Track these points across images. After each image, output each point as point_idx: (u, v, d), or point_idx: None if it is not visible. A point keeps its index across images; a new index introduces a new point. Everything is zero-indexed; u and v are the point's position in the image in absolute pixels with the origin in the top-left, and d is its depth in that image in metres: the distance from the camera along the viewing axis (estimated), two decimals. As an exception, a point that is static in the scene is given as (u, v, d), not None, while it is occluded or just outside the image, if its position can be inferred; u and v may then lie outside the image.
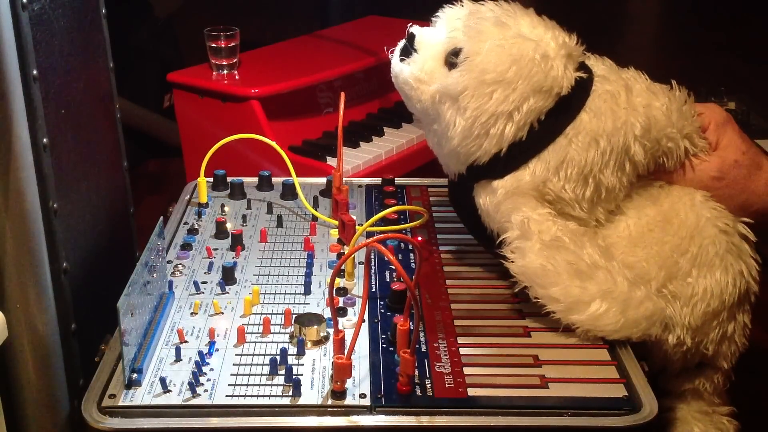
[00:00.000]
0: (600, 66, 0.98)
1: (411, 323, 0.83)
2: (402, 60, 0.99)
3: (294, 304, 0.97)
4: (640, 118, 0.94)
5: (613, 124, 0.93)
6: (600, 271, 0.89)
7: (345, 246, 1.09)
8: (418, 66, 0.97)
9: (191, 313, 0.95)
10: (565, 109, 0.93)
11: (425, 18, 1.03)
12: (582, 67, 0.95)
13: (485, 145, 0.93)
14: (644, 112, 0.94)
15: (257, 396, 0.82)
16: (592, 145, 0.92)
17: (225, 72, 1.71)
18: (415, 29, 0.99)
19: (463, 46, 0.94)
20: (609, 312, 0.88)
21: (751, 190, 0.97)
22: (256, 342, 0.90)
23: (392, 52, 1.02)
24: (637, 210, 0.97)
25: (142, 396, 0.82)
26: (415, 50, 0.98)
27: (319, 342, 0.90)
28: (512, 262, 0.92)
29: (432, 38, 0.98)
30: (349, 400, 0.82)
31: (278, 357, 0.86)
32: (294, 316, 0.92)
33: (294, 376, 0.83)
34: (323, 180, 1.27)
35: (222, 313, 0.95)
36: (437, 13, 1.01)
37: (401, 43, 1.00)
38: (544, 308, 0.91)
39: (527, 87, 0.91)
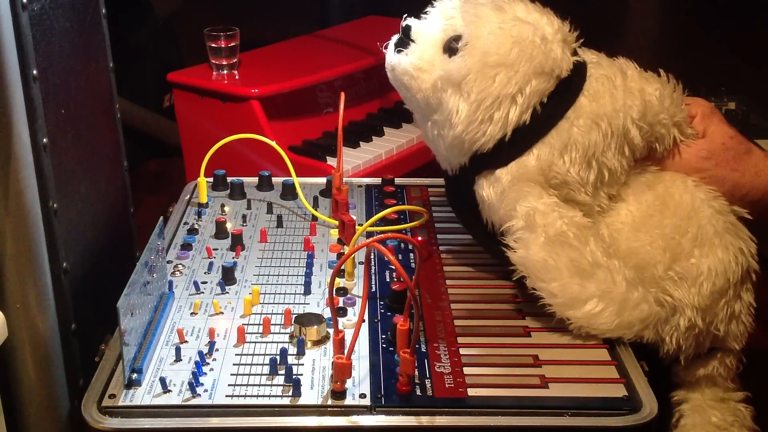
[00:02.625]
0: (590, 55, 0.99)
1: (411, 323, 0.83)
2: (399, 51, 0.99)
3: (294, 304, 0.97)
4: (636, 101, 0.95)
5: (612, 106, 0.94)
6: (600, 270, 0.89)
7: (345, 246, 1.09)
8: (416, 55, 0.97)
9: (191, 313, 0.95)
10: (565, 92, 0.94)
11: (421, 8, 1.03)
12: (575, 53, 0.97)
13: (489, 130, 0.93)
14: (639, 95, 0.96)
15: (257, 396, 0.82)
16: (594, 128, 0.94)
17: (225, 72, 1.71)
18: (410, 20, 1.00)
19: (462, 32, 0.94)
20: (605, 312, 0.89)
21: (740, 172, 0.99)
22: (256, 342, 0.90)
23: (386, 46, 1.02)
24: (636, 196, 0.98)
25: (142, 396, 0.82)
26: (412, 40, 0.98)
27: (319, 342, 0.90)
28: (514, 251, 0.92)
29: (428, 27, 0.99)
30: (349, 400, 0.82)
31: (278, 357, 0.86)
32: (294, 316, 0.92)
33: (294, 376, 0.83)
34: (323, 180, 1.27)
35: (222, 313, 0.95)
36: (428, 8, 1.01)
37: (395, 37, 1.01)
38: (541, 301, 0.91)
39: (529, 68, 0.92)
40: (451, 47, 0.95)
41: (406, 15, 1.01)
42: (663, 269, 0.94)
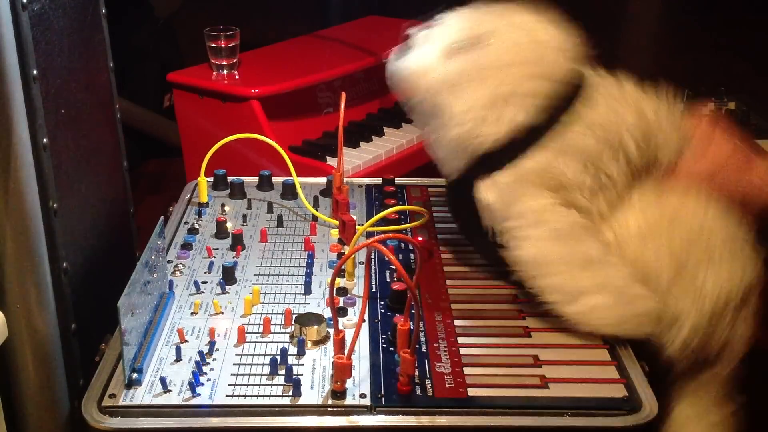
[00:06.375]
0: (591, 71, 1.00)
1: (411, 323, 0.83)
2: (399, 60, 1.01)
3: (294, 304, 0.97)
4: (630, 110, 0.97)
5: (607, 115, 0.95)
6: (597, 265, 0.90)
7: (345, 246, 1.09)
8: (414, 61, 0.99)
9: (191, 313, 0.95)
10: (562, 97, 0.95)
11: (426, 18, 1.03)
12: (578, 63, 0.98)
13: (484, 131, 0.94)
14: (635, 106, 0.97)
15: (257, 396, 0.82)
16: (588, 134, 0.95)
17: (225, 72, 1.71)
18: (412, 30, 1.01)
19: (460, 36, 0.97)
20: (603, 305, 0.90)
21: (745, 185, 0.99)
22: (256, 342, 0.90)
23: (390, 55, 1.04)
24: (646, 207, 0.98)
25: (142, 396, 0.82)
26: (412, 48, 1.00)
27: (319, 342, 0.90)
28: (511, 250, 0.93)
29: (429, 34, 1.00)
30: (349, 400, 0.82)
31: (278, 357, 0.86)
32: (294, 316, 0.92)
33: (294, 376, 0.83)
34: (323, 180, 1.27)
35: (222, 313, 0.95)
36: (436, 17, 1.02)
37: (399, 46, 1.03)
38: (539, 298, 0.91)
39: (523, 72, 0.94)
40: (449, 52, 0.97)
41: (409, 23, 1.03)
42: (667, 283, 0.94)
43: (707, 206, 0.97)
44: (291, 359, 0.87)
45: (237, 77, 1.71)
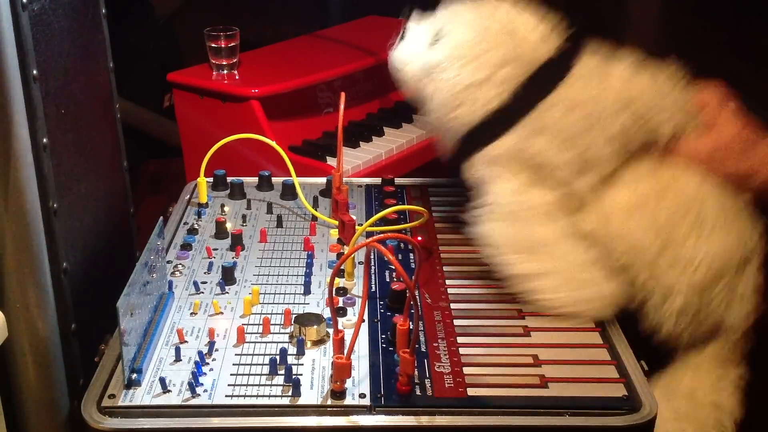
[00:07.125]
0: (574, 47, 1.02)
1: (411, 323, 0.83)
2: (392, 50, 1.08)
3: (294, 304, 0.97)
4: (619, 88, 0.98)
5: (591, 93, 0.97)
6: (547, 249, 0.95)
7: (345, 246, 1.09)
8: (401, 50, 1.07)
9: (191, 313, 0.95)
10: (544, 77, 0.98)
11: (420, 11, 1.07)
12: (569, 39, 1.01)
13: (464, 114, 0.99)
14: (625, 83, 0.98)
15: (257, 396, 0.82)
16: (570, 112, 0.97)
17: (225, 72, 1.71)
18: (410, 21, 1.08)
19: (441, 26, 1.03)
20: (549, 288, 0.94)
21: (745, 167, 0.99)
22: (255, 342, 0.90)
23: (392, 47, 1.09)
24: (636, 182, 0.99)
25: (141, 396, 0.82)
26: (403, 39, 1.07)
27: (318, 342, 0.90)
28: (476, 225, 0.98)
29: (421, 25, 1.07)
30: (348, 400, 0.82)
31: (278, 357, 0.86)
32: (294, 316, 0.92)
33: (294, 376, 0.83)
34: (323, 180, 1.27)
35: (222, 313, 0.95)
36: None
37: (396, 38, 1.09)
38: (500, 273, 0.97)
39: (496, 58, 0.98)
40: (433, 42, 1.03)
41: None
42: (653, 255, 0.96)
43: (702, 179, 0.99)
44: (290, 359, 0.87)
45: (237, 77, 1.71)
